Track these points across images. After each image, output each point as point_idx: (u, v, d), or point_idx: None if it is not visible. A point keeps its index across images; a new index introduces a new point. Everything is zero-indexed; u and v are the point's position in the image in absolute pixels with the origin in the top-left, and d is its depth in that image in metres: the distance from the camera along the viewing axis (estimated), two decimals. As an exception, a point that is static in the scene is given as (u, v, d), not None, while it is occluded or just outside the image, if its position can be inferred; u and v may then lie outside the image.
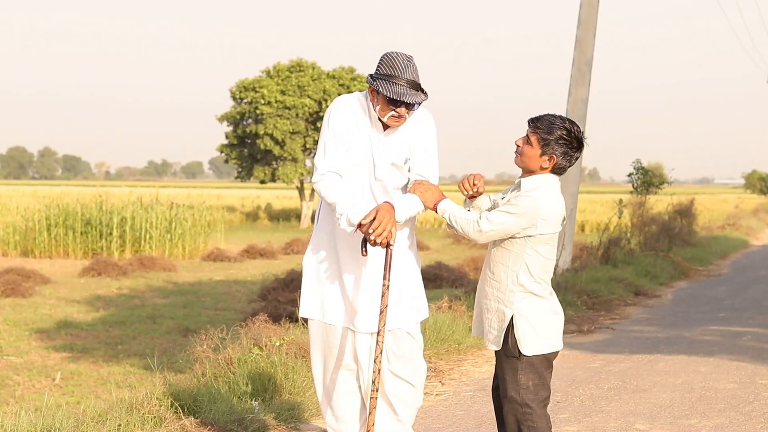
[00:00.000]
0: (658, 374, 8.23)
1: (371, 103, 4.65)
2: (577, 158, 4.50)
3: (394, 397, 4.75)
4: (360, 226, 4.45)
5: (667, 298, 14.16)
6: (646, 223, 18.88)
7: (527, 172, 4.52)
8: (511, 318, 4.47)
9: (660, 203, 20.68)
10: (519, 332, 4.44)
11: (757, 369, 8.45)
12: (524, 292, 4.47)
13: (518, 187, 4.52)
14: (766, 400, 7.20)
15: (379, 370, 4.54)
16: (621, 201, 17.38)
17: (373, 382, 4.54)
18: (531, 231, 4.43)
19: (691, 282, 16.64)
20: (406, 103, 4.54)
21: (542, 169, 4.47)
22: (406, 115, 4.60)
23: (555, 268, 4.62)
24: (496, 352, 4.58)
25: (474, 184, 4.58)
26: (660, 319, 11.89)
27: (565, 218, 4.59)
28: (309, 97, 42.75)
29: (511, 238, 4.45)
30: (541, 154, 4.44)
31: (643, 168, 17.97)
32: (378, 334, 4.52)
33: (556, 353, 4.55)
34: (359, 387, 4.79)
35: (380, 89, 4.51)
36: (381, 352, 4.53)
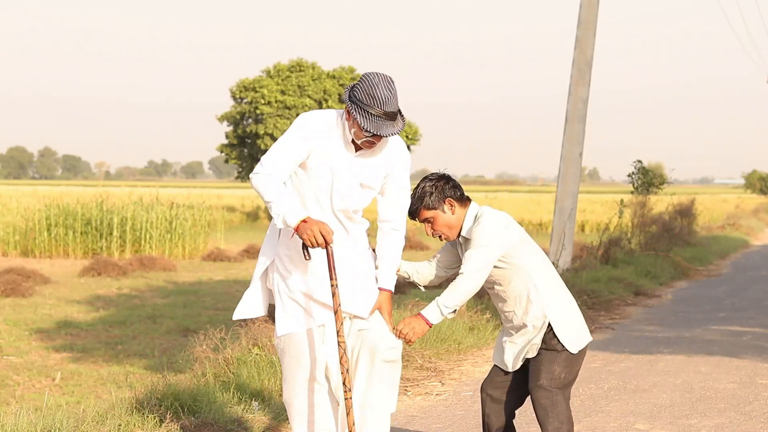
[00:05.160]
0: (658, 374, 8.23)
1: (346, 123, 4.54)
2: (454, 181, 4.69)
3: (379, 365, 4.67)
4: (296, 230, 4.39)
5: (667, 298, 14.15)
6: (646, 223, 18.87)
7: (457, 231, 4.71)
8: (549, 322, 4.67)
9: (660, 203, 20.67)
10: (563, 337, 4.64)
11: (757, 369, 8.45)
12: (550, 305, 4.66)
13: (464, 241, 4.71)
14: (766, 400, 7.20)
15: (348, 370, 4.50)
16: (622, 201, 17.37)
17: (344, 383, 4.50)
18: (515, 257, 4.62)
19: (691, 282, 16.64)
20: None
21: (456, 215, 4.67)
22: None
23: (555, 268, 4.73)
24: None
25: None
26: (660, 319, 11.89)
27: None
28: (309, 97, 42.77)
29: (505, 281, 4.67)
30: (443, 211, 4.66)
31: (644, 168, 17.95)
32: (337, 334, 4.49)
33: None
34: (331, 396, 4.68)
35: (357, 117, 4.43)
36: (345, 351, 4.49)
